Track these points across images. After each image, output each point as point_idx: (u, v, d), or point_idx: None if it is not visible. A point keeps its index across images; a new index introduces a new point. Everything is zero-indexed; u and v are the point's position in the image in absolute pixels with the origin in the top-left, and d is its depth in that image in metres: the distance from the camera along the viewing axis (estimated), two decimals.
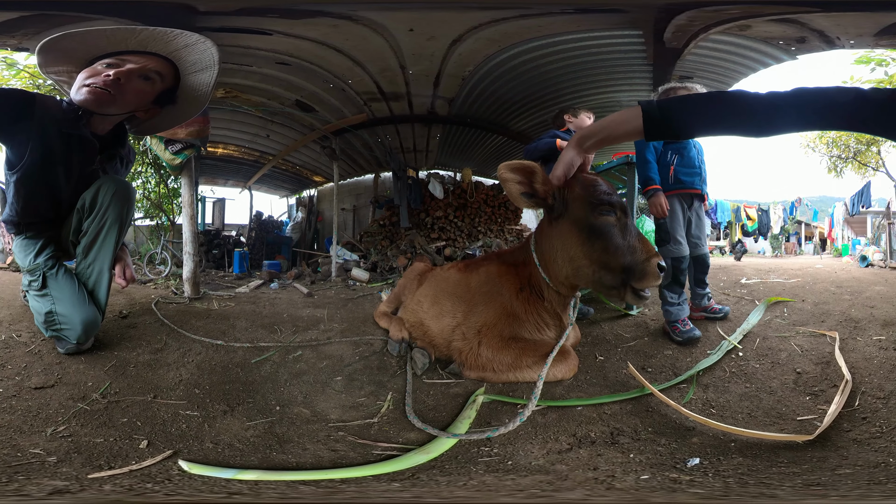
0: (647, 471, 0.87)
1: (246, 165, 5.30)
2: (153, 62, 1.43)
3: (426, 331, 1.55)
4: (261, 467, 0.90)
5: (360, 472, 0.88)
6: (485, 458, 0.94)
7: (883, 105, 0.88)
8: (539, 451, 0.96)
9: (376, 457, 0.95)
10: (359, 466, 0.90)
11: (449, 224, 4.94)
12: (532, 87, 3.24)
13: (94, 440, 0.97)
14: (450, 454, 0.96)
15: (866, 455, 0.88)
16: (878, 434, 0.96)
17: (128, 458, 0.91)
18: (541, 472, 0.87)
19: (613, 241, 1.21)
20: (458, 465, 0.92)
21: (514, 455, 0.95)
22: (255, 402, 1.20)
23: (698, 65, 2.77)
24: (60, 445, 0.95)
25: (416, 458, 0.93)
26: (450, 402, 1.23)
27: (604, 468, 0.88)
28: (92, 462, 0.89)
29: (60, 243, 1.52)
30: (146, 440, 0.98)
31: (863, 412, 1.06)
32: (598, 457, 0.93)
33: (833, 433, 0.98)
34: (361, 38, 2.45)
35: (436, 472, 0.89)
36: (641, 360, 1.51)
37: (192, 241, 2.61)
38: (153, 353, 1.48)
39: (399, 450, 0.98)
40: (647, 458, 0.92)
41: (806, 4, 2.00)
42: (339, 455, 0.95)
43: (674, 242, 1.80)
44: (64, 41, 1.39)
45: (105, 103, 1.37)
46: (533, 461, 0.92)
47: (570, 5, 2.12)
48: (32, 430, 1.01)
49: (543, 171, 1.25)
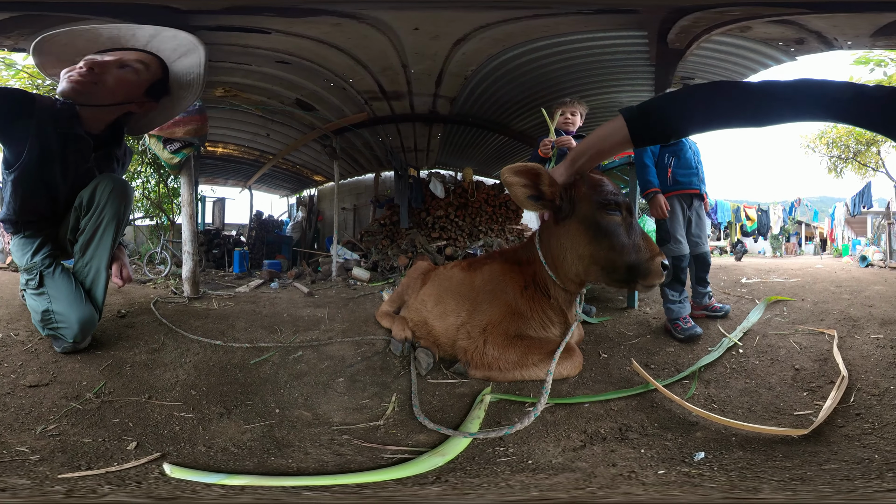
0: (660, 465, 0.88)
1: (246, 165, 5.29)
2: (132, 54, 1.46)
3: (430, 330, 1.54)
4: (254, 472, 0.87)
5: (377, 477, 0.85)
6: (503, 458, 0.93)
7: (883, 102, 0.87)
8: (555, 449, 0.96)
9: (386, 460, 0.93)
10: (373, 471, 0.88)
11: (450, 223, 4.94)
12: (534, 87, 3.23)
13: (83, 440, 0.96)
14: (466, 455, 0.94)
15: (854, 451, 0.90)
16: (870, 430, 0.98)
17: (112, 460, 0.89)
18: (567, 471, 0.87)
19: (619, 240, 1.23)
20: (480, 465, 0.91)
21: (532, 454, 0.94)
22: (253, 405, 1.18)
23: (700, 66, 2.77)
24: (47, 444, 0.94)
25: (433, 460, 0.91)
26: (456, 402, 1.22)
27: (622, 464, 0.89)
28: (73, 462, 0.88)
29: (58, 242, 1.52)
30: (135, 441, 0.96)
31: (857, 408, 1.08)
32: (612, 453, 0.94)
33: (827, 428, 1.00)
34: (364, 37, 2.44)
35: (461, 473, 0.87)
36: (644, 357, 1.52)
37: (191, 240, 2.60)
38: (150, 353, 1.47)
39: (410, 452, 0.96)
40: (657, 453, 0.93)
41: (800, 6, 2.00)
42: (346, 459, 0.93)
43: (674, 242, 1.83)
44: (48, 44, 1.42)
45: (86, 93, 1.37)
46: (552, 459, 0.92)
47: (588, 6, 2.12)
48: (23, 427, 1.00)
49: (549, 173, 1.25)
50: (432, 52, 2.65)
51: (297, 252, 5.47)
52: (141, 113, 1.54)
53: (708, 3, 2.03)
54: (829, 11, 2.00)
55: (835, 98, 0.89)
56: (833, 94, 0.90)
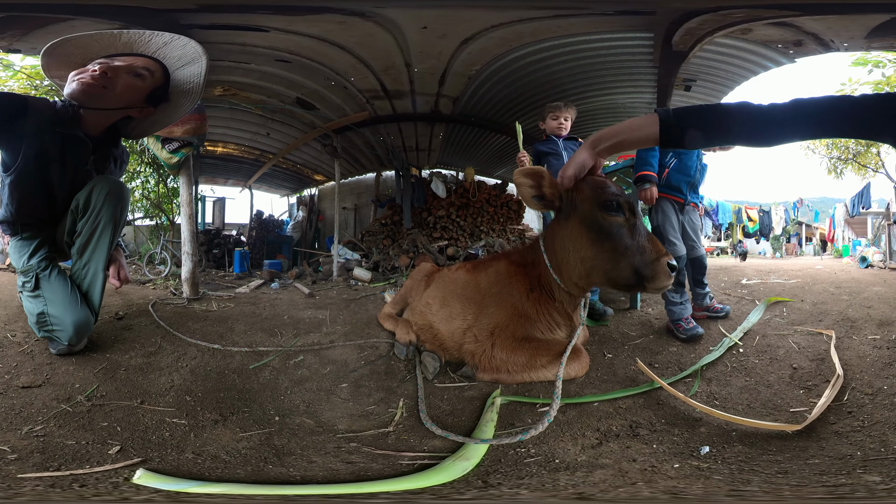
0: (674, 460, 0.90)
1: (246, 164, 5.27)
2: (141, 60, 1.48)
3: (436, 333, 1.53)
4: (245, 481, 0.84)
5: (407, 485, 0.82)
6: (529, 459, 0.93)
7: (878, 111, 0.90)
8: (574, 447, 0.97)
9: (406, 467, 0.91)
10: (398, 479, 0.85)
11: (451, 223, 4.93)
12: (537, 88, 3.23)
13: (66, 442, 0.95)
14: (492, 458, 0.94)
15: (840, 447, 0.93)
16: (859, 428, 1.01)
17: (86, 462, 0.88)
18: (598, 468, 0.88)
19: (623, 242, 1.21)
20: (511, 467, 0.90)
21: (555, 453, 0.95)
22: (251, 412, 1.15)
23: (702, 67, 2.77)
24: (29, 444, 0.93)
25: (460, 465, 0.89)
26: (466, 405, 1.21)
27: (641, 459, 0.91)
28: (47, 463, 0.87)
29: (56, 244, 1.51)
30: (119, 446, 0.94)
31: (850, 406, 1.11)
32: (629, 449, 0.96)
33: (819, 425, 1.03)
34: (367, 36, 2.42)
35: (499, 476, 0.86)
36: (648, 357, 1.54)
37: (190, 240, 2.59)
38: (146, 357, 1.45)
39: (429, 458, 0.94)
40: (668, 448, 0.96)
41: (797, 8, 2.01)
42: (359, 468, 0.91)
43: (668, 244, 1.83)
44: (62, 47, 1.44)
45: (95, 95, 1.39)
46: (577, 457, 0.93)
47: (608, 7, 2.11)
48: (10, 427, 1.00)
49: (550, 175, 1.27)
50: (437, 51, 2.64)
51: (297, 252, 5.46)
52: (139, 118, 1.55)
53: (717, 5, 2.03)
54: (822, 13, 2.02)
55: (832, 114, 0.94)
56: (829, 110, 0.94)
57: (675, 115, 1.01)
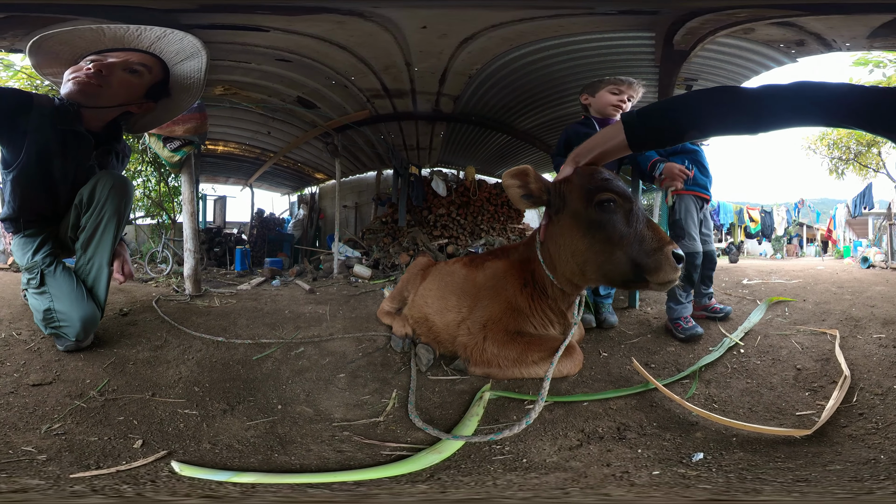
0: (656, 466, 0.87)
1: (247, 163, 5.28)
2: (136, 56, 1.46)
3: (431, 326, 1.53)
4: (260, 469, 0.87)
5: (375, 474, 0.85)
6: (499, 457, 0.93)
7: (893, 105, 0.85)
8: (550, 447, 0.96)
9: (386, 457, 0.93)
10: (371, 468, 0.88)
11: (452, 222, 4.94)
12: (538, 87, 3.22)
13: (89, 439, 0.96)
14: (462, 453, 0.95)
15: (859, 451, 0.88)
16: (874, 430, 0.96)
17: (119, 458, 0.89)
18: (559, 470, 0.87)
19: (617, 230, 1.10)
20: (474, 464, 0.91)
21: (527, 452, 0.94)
22: (255, 401, 1.18)
23: (703, 67, 2.76)
24: (53, 443, 0.94)
25: (429, 458, 0.91)
26: (456, 399, 1.22)
27: (616, 464, 0.88)
28: (81, 461, 0.87)
29: (59, 240, 1.52)
30: (141, 440, 0.96)
31: (860, 408, 1.07)
32: (609, 453, 0.93)
33: (830, 429, 0.98)
34: (368, 35, 2.43)
35: (454, 472, 0.87)
36: (645, 357, 1.52)
37: (192, 238, 2.60)
38: (153, 351, 1.47)
39: (409, 449, 0.96)
40: (654, 454, 0.92)
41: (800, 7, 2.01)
42: (346, 456, 0.94)
43: (688, 238, 1.77)
44: (47, 43, 1.43)
45: (90, 94, 1.39)
46: (546, 458, 0.92)
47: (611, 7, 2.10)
48: (28, 427, 1.00)
49: (535, 171, 1.22)
50: (438, 50, 2.64)
51: (298, 250, 5.47)
52: (139, 113, 1.55)
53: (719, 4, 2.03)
54: (825, 13, 2.01)
55: (839, 100, 0.88)
56: (836, 96, 0.88)
57: (639, 115, 0.97)
